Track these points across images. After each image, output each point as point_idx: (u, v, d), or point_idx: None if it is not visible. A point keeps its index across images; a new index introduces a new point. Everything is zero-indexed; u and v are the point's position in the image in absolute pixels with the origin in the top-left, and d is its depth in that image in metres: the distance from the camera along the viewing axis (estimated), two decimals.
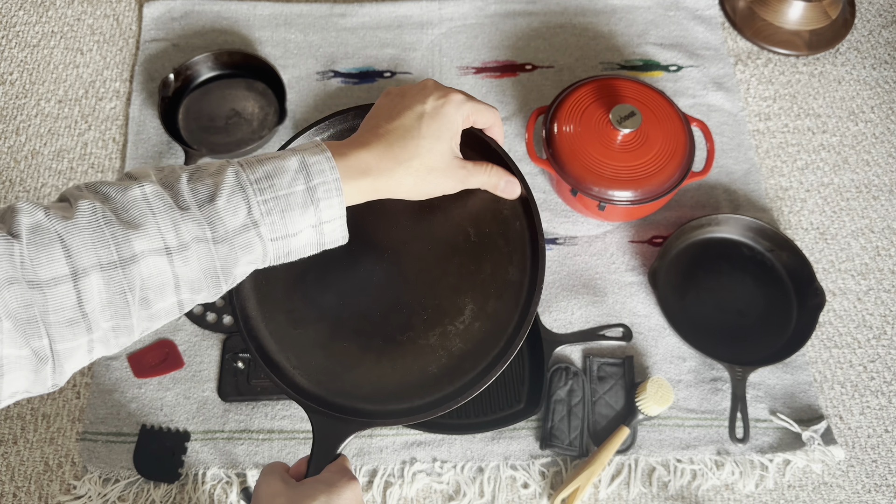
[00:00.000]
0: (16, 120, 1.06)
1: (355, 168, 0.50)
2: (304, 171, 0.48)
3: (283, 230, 0.48)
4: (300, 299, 0.59)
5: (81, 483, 0.82)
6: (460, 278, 0.58)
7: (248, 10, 1.13)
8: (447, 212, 0.59)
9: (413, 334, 0.57)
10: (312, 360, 0.58)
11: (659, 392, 0.82)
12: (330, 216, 0.49)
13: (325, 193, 0.48)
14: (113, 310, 0.44)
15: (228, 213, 0.46)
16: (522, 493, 0.84)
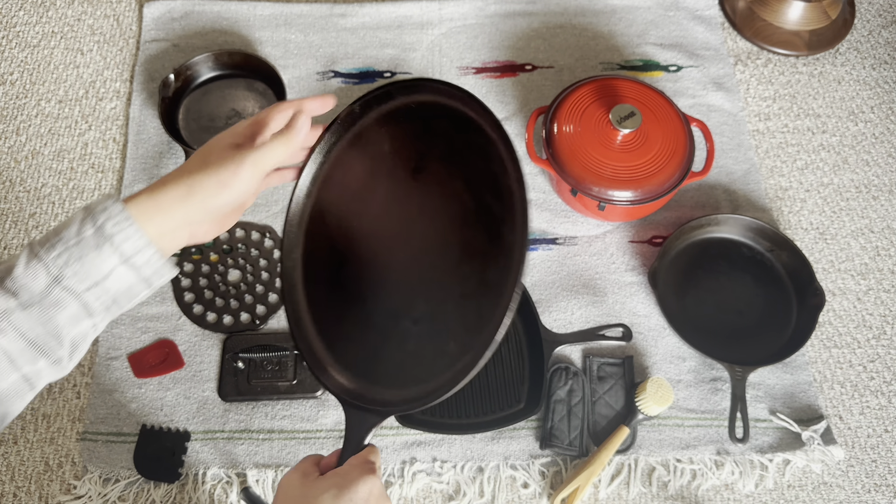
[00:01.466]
0: (16, 120, 1.06)
1: (145, 201, 0.51)
2: (90, 217, 0.49)
3: (89, 277, 0.48)
4: (338, 297, 0.62)
5: (81, 483, 0.82)
6: (462, 251, 0.58)
7: (248, 10, 1.13)
8: (446, 182, 0.60)
9: (429, 314, 0.58)
10: (349, 355, 0.60)
11: (659, 392, 0.82)
12: (133, 248, 0.49)
13: (116, 227, 0.48)
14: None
15: (28, 278, 0.47)
16: (522, 492, 0.84)
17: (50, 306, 0.47)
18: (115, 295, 0.50)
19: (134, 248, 0.49)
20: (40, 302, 0.47)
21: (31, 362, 0.48)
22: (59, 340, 0.49)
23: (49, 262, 0.47)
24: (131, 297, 0.51)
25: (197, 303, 0.92)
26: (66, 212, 0.99)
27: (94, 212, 0.49)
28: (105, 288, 0.49)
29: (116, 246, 0.48)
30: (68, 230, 0.48)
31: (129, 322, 0.91)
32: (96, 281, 0.48)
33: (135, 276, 0.50)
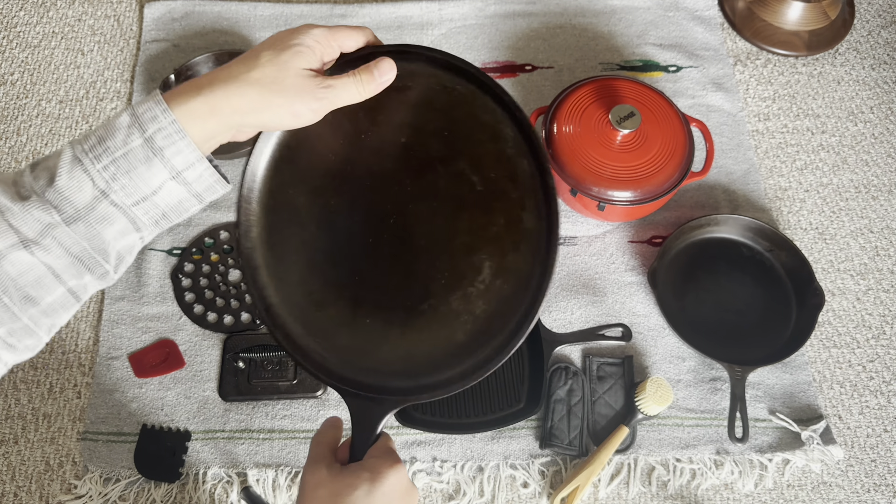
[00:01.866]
0: (17, 120, 1.06)
1: (199, 104, 0.46)
2: (136, 125, 0.45)
3: (137, 192, 0.45)
4: (317, 280, 0.56)
5: (82, 483, 0.83)
6: (473, 234, 0.54)
7: (248, 10, 1.14)
8: (446, 162, 0.55)
9: (434, 301, 0.54)
10: (338, 340, 0.56)
11: (658, 392, 0.82)
12: (184, 163, 0.46)
13: (166, 140, 0.45)
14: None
15: (73, 190, 0.44)
16: (522, 492, 0.84)
17: (96, 221, 0.45)
18: (165, 209, 0.47)
19: (185, 162, 0.46)
20: (86, 217, 0.44)
21: (77, 277, 0.46)
22: (105, 255, 0.46)
23: (95, 174, 0.44)
24: (182, 212, 0.49)
25: (197, 303, 0.92)
26: None
27: (142, 120, 0.45)
28: (154, 203, 0.46)
29: (167, 160, 0.45)
30: (114, 138, 0.45)
31: (130, 322, 0.91)
32: (145, 196, 0.46)
33: (185, 191, 0.47)
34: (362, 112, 0.56)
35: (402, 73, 0.55)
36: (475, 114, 0.55)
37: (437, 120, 0.56)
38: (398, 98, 0.56)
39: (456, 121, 0.55)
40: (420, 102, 0.56)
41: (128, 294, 0.92)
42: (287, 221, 0.57)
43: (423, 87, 0.55)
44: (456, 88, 0.55)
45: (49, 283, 0.45)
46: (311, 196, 0.57)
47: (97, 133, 0.45)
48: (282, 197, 0.57)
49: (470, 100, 0.55)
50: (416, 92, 0.56)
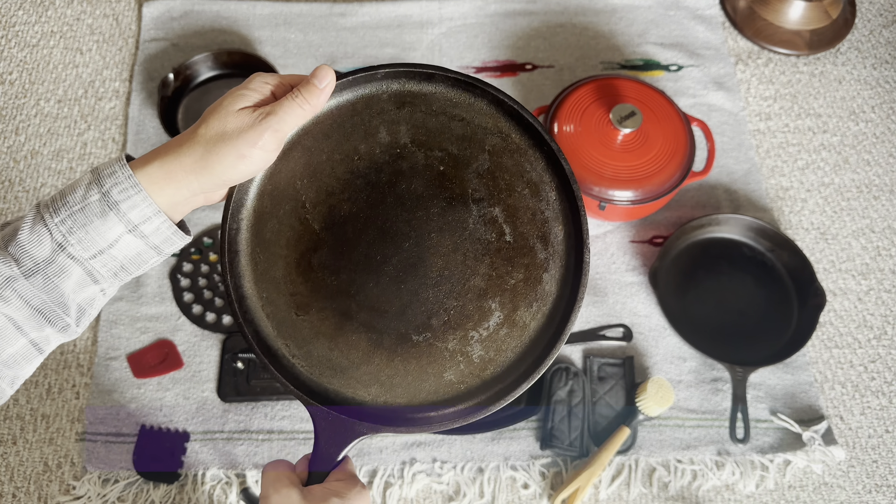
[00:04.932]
0: (15, 120, 1.05)
1: (155, 170, 0.47)
2: (96, 181, 0.47)
3: (94, 245, 0.46)
4: (304, 282, 0.53)
5: (81, 483, 0.82)
6: (489, 280, 0.53)
7: (247, 9, 1.13)
8: (481, 204, 0.54)
9: (431, 335, 0.53)
10: (315, 350, 0.53)
11: (659, 392, 0.82)
12: (140, 216, 0.47)
13: (122, 195, 0.46)
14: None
15: (33, 244, 0.46)
16: (522, 493, 0.83)
17: (54, 274, 0.46)
18: (123, 262, 0.48)
19: (141, 216, 0.47)
20: (45, 270, 0.46)
21: (38, 329, 0.47)
22: (64, 308, 0.48)
23: (53, 228, 0.46)
24: (140, 264, 0.49)
25: (196, 303, 0.91)
26: None
27: (101, 176, 0.47)
28: (111, 255, 0.47)
29: (123, 213, 0.46)
30: (74, 194, 0.46)
31: (129, 322, 0.90)
32: (101, 249, 0.47)
33: (143, 244, 0.48)
34: (405, 126, 0.55)
35: (463, 104, 0.55)
36: (523, 167, 0.54)
37: (484, 161, 0.54)
38: (448, 125, 0.55)
39: (502, 167, 0.54)
40: (470, 138, 0.55)
41: (126, 294, 0.92)
42: (287, 213, 0.54)
43: (477, 124, 0.55)
44: (511, 136, 0.55)
45: (10, 335, 0.47)
46: (322, 194, 0.54)
47: (61, 191, 0.47)
48: (286, 185, 0.54)
49: (522, 151, 0.55)
50: (471, 127, 0.55)
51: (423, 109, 0.55)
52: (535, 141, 0.55)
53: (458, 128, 0.55)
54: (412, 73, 0.55)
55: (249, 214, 0.54)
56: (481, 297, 0.53)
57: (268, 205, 0.54)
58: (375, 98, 0.55)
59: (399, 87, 0.55)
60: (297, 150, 0.54)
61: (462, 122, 0.55)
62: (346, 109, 0.55)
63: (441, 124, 0.55)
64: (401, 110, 0.55)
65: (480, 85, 0.54)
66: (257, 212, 0.54)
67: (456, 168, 0.54)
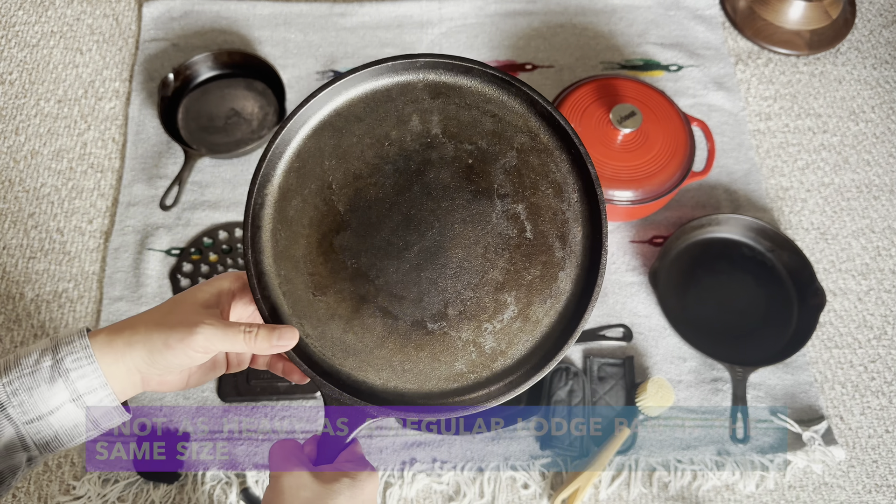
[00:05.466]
0: (15, 120, 1.05)
1: (108, 333, 0.49)
2: (52, 348, 0.47)
3: (34, 410, 0.46)
4: (324, 263, 0.53)
5: (81, 483, 0.82)
6: (507, 274, 0.54)
7: (247, 9, 1.13)
8: (505, 199, 0.55)
9: (446, 324, 0.53)
10: (329, 331, 0.53)
11: (659, 392, 0.82)
12: (87, 387, 0.47)
13: (75, 363, 0.47)
14: None
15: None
16: (522, 493, 0.83)
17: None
18: (58, 431, 0.48)
19: (88, 386, 0.47)
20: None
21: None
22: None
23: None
24: (74, 437, 0.49)
25: None
26: (66, 211, 0.99)
27: (60, 343, 0.48)
28: (48, 423, 0.47)
29: (71, 382, 0.47)
30: (28, 358, 0.47)
31: None
32: (41, 414, 0.47)
33: (82, 415, 0.48)
34: (437, 116, 0.56)
35: (496, 100, 0.56)
36: (549, 167, 0.55)
37: (512, 158, 0.55)
38: (480, 120, 0.56)
39: (528, 165, 0.55)
40: (500, 134, 0.56)
41: (126, 294, 0.92)
42: (312, 192, 0.54)
43: (508, 121, 0.56)
44: (540, 136, 0.56)
45: None
46: (349, 176, 0.55)
47: (16, 353, 0.48)
48: (314, 164, 0.55)
49: (549, 152, 0.56)
50: (501, 124, 0.56)
51: (457, 102, 0.56)
52: (563, 143, 0.55)
53: (490, 123, 0.56)
54: (450, 65, 0.55)
55: (275, 190, 0.54)
56: (498, 290, 0.54)
57: (294, 182, 0.54)
58: (411, 86, 0.56)
59: (436, 78, 0.56)
60: (328, 130, 0.55)
61: (494, 118, 0.56)
62: (382, 94, 0.56)
63: (473, 118, 0.56)
64: (435, 100, 0.56)
65: (516, 83, 0.55)
66: (282, 188, 0.54)
67: (484, 162, 0.55)
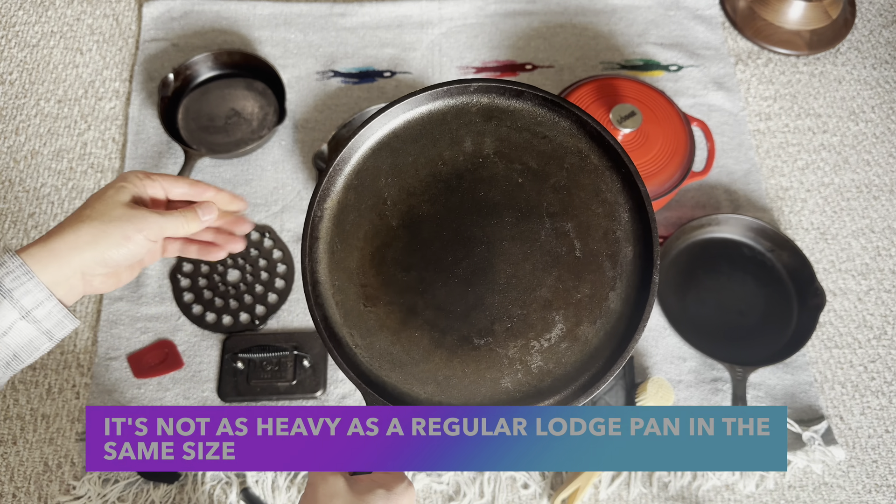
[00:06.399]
0: (15, 120, 1.05)
1: (40, 251, 0.50)
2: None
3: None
4: (376, 275, 0.55)
5: (81, 483, 0.82)
6: (555, 292, 0.54)
7: (247, 9, 1.13)
8: (555, 218, 0.55)
9: (492, 341, 0.53)
10: (378, 342, 0.54)
11: (659, 392, 0.82)
12: (33, 301, 0.49)
13: (14, 282, 0.49)
14: None
15: None
16: (522, 493, 0.83)
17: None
18: (16, 349, 0.50)
19: (34, 301, 0.49)
20: None
21: None
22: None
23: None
24: (32, 351, 0.51)
25: (196, 303, 0.91)
26: (66, 211, 0.99)
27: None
28: (5, 343, 0.49)
29: (16, 300, 0.48)
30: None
31: (129, 322, 0.90)
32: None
33: (35, 329, 0.50)
34: (490, 138, 0.57)
35: (547, 122, 0.57)
36: (599, 187, 0.56)
37: (562, 178, 0.56)
38: (531, 142, 0.57)
39: (579, 185, 0.56)
40: (551, 155, 0.57)
41: (126, 294, 0.92)
42: (368, 207, 0.56)
43: (560, 143, 0.57)
44: (590, 157, 0.57)
45: None
46: (403, 194, 0.57)
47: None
48: (371, 181, 0.57)
49: (599, 172, 0.56)
50: (552, 145, 0.57)
51: (509, 125, 0.58)
52: (613, 163, 0.56)
53: (541, 144, 0.57)
54: (502, 89, 0.57)
55: (334, 205, 0.57)
56: (546, 308, 0.54)
57: (352, 198, 0.57)
58: (465, 110, 0.58)
59: (488, 102, 0.58)
60: (386, 150, 0.58)
61: (545, 140, 0.57)
62: (437, 117, 0.58)
63: (524, 140, 0.57)
64: (487, 123, 0.58)
65: (566, 105, 0.56)
66: (341, 203, 0.57)
67: (534, 181, 0.56)
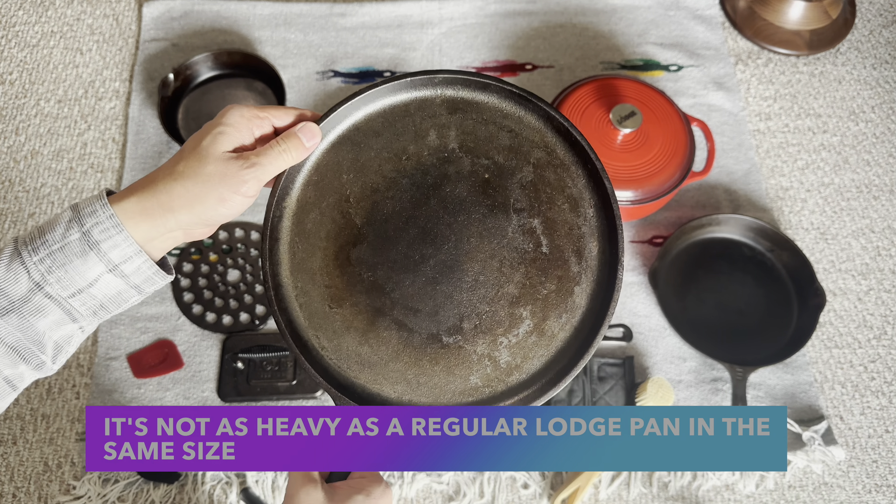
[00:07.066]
0: (15, 120, 1.05)
1: (132, 205, 0.47)
2: (76, 219, 0.46)
3: (73, 284, 0.46)
4: (340, 275, 0.54)
5: (81, 483, 0.82)
6: (522, 288, 0.54)
7: (247, 9, 1.13)
8: (521, 214, 0.55)
9: (460, 338, 0.53)
10: (345, 344, 0.53)
11: (659, 392, 0.82)
12: (121, 256, 0.47)
13: (103, 234, 0.46)
14: None
15: (9, 282, 0.45)
16: (522, 493, 0.83)
17: (30, 313, 0.46)
18: (103, 300, 0.48)
19: (122, 255, 0.47)
20: (20, 308, 0.45)
21: (12, 366, 0.47)
22: (40, 346, 0.47)
23: (31, 267, 0.45)
24: (121, 303, 0.49)
25: (196, 303, 0.91)
26: None
27: (82, 214, 0.46)
28: (91, 294, 0.47)
29: (104, 253, 0.46)
30: (53, 232, 0.46)
31: (129, 322, 0.90)
32: (80, 288, 0.46)
33: (123, 283, 0.48)
34: (454, 132, 0.56)
35: (513, 115, 0.57)
36: (565, 182, 0.56)
37: (528, 173, 0.56)
38: (497, 135, 0.56)
39: (545, 181, 0.56)
40: (517, 149, 0.56)
41: None
42: (330, 205, 0.55)
43: (525, 136, 0.57)
44: (556, 151, 0.56)
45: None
46: (367, 190, 0.55)
47: (39, 227, 0.47)
48: (332, 178, 0.55)
49: (565, 167, 0.56)
50: (518, 139, 0.56)
51: (475, 117, 0.57)
52: (579, 158, 0.56)
53: (507, 138, 0.57)
54: (468, 81, 0.56)
55: (293, 203, 0.55)
56: (513, 304, 0.54)
57: (312, 195, 0.55)
58: (429, 101, 0.57)
59: (453, 94, 0.57)
60: (347, 144, 0.56)
61: (511, 134, 0.57)
62: (400, 110, 0.57)
63: (490, 133, 0.57)
64: (452, 116, 0.57)
65: (533, 99, 0.56)
66: (301, 201, 0.55)
67: (500, 177, 0.56)
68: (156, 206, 0.47)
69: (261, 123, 0.51)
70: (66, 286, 0.46)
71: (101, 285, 0.47)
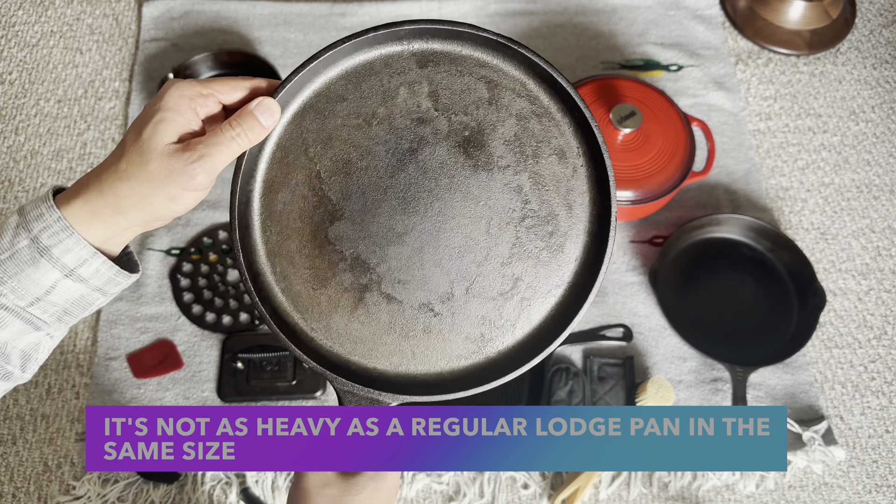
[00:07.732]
0: (15, 120, 1.05)
1: (79, 208, 0.44)
2: (23, 224, 0.43)
3: (29, 293, 0.44)
4: (320, 255, 0.51)
5: (81, 483, 0.82)
6: (512, 248, 0.52)
7: (247, 9, 1.13)
8: (507, 171, 0.52)
9: (453, 304, 0.52)
10: (334, 324, 0.52)
11: (659, 392, 0.82)
12: (76, 260, 0.44)
13: (52, 238, 0.43)
14: None
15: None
16: (522, 493, 0.83)
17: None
18: (66, 307, 0.46)
19: (77, 259, 0.44)
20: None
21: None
22: (4, 357, 0.45)
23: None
24: (86, 307, 0.47)
25: (196, 303, 0.91)
26: None
27: (28, 219, 0.43)
28: (51, 301, 0.44)
29: (56, 259, 0.43)
30: (1, 240, 0.43)
31: (128, 322, 0.90)
32: (38, 296, 0.44)
33: (84, 287, 0.45)
34: (427, 87, 0.52)
35: (490, 64, 0.52)
36: (550, 132, 0.53)
37: (510, 126, 0.52)
38: (474, 87, 0.52)
39: (529, 132, 0.53)
40: (497, 101, 0.52)
41: (126, 294, 0.92)
42: (299, 183, 0.51)
43: (505, 86, 0.53)
44: (540, 99, 0.53)
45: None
46: (338, 163, 0.52)
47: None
48: (299, 153, 0.52)
49: (550, 115, 0.53)
50: (497, 90, 0.52)
51: (447, 69, 0.52)
52: (565, 105, 0.52)
53: (485, 90, 0.52)
54: (438, 31, 0.51)
55: (259, 185, 0.52)
56: (504, 264, 0.52)
57: (279, 174, 0.51)
58: (396, 57, 0.52)
59: (422, 46, 0.52)
60: (310, 113, 0.52)
61: (489, 84, 0.52)
62: (364, 69, 0.52)
63: (466, 85, 0.52)
64: (423, 69, 0.52)
65: (512, 45, 0.51)
66: (267, 182, 0.52)
67: (481, 134, 0.52)
68: (104, 208, 0.44)
69: (205, 102, 0.46)
70: (21, 296, 0.44)
71: (60, 291, 0.44)
